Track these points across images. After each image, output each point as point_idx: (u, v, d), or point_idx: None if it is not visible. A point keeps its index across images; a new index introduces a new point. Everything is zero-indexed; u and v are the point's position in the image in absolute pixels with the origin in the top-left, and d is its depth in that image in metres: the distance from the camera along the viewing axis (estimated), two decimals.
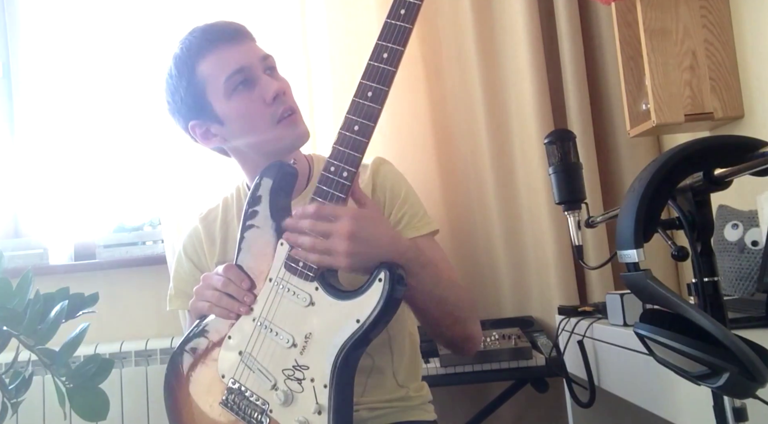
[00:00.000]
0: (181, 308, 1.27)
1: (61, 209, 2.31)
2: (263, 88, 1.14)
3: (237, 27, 1.18)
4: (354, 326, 0.93)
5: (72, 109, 2.36)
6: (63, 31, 2.37)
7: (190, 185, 2.03)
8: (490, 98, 1.99)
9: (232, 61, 1.14)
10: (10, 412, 0.98)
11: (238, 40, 1.16)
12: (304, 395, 0.96)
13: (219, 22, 1.18)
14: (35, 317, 0.95)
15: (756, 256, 1.22)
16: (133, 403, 2.00)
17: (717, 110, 1.50)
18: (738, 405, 0.64)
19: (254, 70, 1.15)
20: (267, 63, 1.18)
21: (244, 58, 1.14)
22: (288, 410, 0.97)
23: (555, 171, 1.20)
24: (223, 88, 1.14)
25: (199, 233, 1.28)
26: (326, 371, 0.95)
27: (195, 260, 1.27)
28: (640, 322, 0.63)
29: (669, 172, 0.63)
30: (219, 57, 1.14)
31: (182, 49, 1.17)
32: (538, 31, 1.93)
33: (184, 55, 1.16)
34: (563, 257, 1.88)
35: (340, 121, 0.99)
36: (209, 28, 1.17)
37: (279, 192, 1.06)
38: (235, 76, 1.13)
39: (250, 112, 1.15)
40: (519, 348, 1.70)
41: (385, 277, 0.92)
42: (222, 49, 1.14)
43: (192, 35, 1.17)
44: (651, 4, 1.51)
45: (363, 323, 0.93)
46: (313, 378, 0.96)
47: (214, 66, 1.14)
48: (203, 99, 1.16)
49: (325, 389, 0.95)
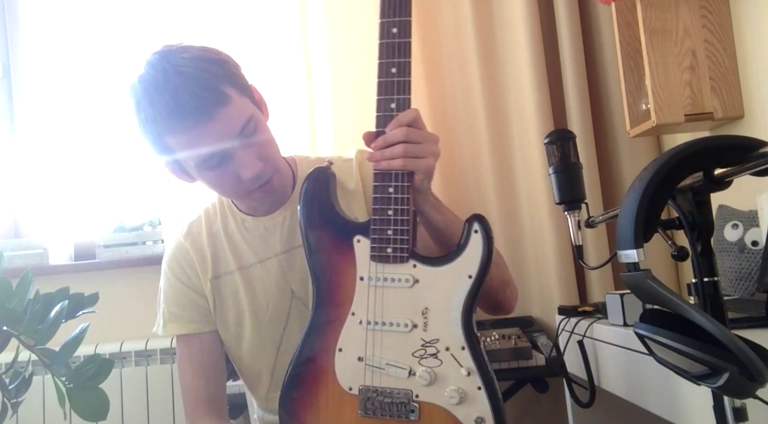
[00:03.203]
0: (179, 332, 1.21)
1: (61, 209, 2.31)
2: (239, 166, 1.05)
3: (199, 99, 0.99)
4: (468, 282, 0.97)
5: (72, 109, 2.36)
6: (63, 32, 2.37)
7: (190, 185, 2.03)
8: (490, 98, 1.99)
9: (202, 146, 1.02)
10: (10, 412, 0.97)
11: (208, 117, 1.00)
12: (445, 366, 0.97)
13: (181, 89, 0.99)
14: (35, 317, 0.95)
15: (756, 256, 1.22)
16: (133, 403, 2.00)
17: (717, 110, 1.50)
18: (738, 405, 0.64)
19: (225, 150, 1.04)
20: (247, 130, 1.04)
21: (214, 141, 1.02)
22: (435, 387, 0.97)
23: (555, 171, 1.19)
24: (194, 164, 1.06)
25: (186, 250, 1.22)
26: (458, 335, 0.97)
27: (185, 279, 1.21)
28: (640, 322, 0.63)
29: (669, 172, 0.63)
30: (185, 140, 1.02)
31: (143, 112, 1.03)
32: (538, 31, 1.93)
33: (147, 122, 1.03)
34: (563, 257, 1.88)
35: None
36: (170, 102, 0.99)
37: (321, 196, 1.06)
38: (207, 162, 1.04)
39: (223, 183, 1.10)
40: (519, 348, 1.70)
41: (480, 227, 0.98)
42: (186, 132, 1.01)
43: (152, 106, 1.01)
44: (651, 4, 1.51)
45: (476, 276, 0.97)
46: (447, 347, 0.97)
47: (183, 146, 1.04)
48: (176, 159, 1.09)
49: (464, 351, 0.97)
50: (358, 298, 1.01)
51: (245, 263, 1.21)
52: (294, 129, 2.06)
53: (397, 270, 0.99)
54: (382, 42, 0.99)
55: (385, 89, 0.98)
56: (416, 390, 0.98)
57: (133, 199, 2.34)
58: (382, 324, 1.00)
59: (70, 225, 2.30)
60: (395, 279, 0.99)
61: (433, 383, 0.97)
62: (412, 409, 0.98)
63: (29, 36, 2.35)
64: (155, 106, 1.01)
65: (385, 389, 0.99)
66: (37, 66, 2.34)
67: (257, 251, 1.21)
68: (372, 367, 1.00)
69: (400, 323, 0.99)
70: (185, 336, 1.22)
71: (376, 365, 1.00)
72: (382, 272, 0.99)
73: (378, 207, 0.99)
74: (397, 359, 0.99)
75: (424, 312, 0.98)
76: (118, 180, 2.35)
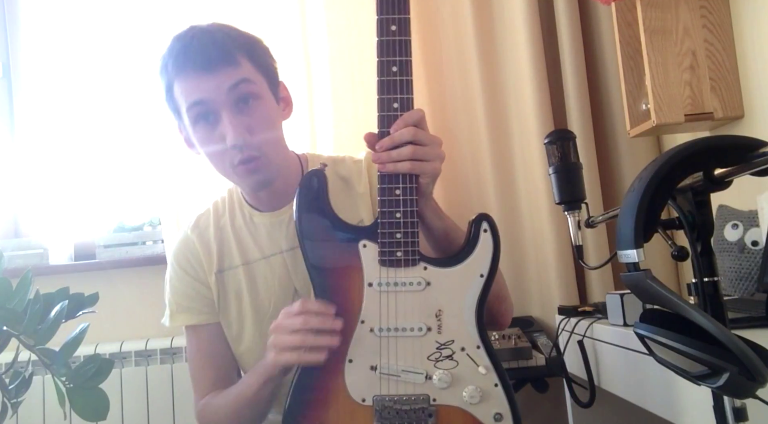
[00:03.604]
0: (187, 322, 1.22)
1: (61, 209, 2.31)
2: (225, 129, 1.07)
3: (208, 52, 1.06)
4: (480, 281, 0.99)
5: (72, 109, 2.36)
6: (63, 32, 2.37)
7: (190, 185, 2.03)
8: (490, 98, 1.99)
9: (192, 93, 1.07)
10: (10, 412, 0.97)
11: (206, 68, 1.06)
12: (462, 367, 0.98)
13: (195, 44, 1.07)
14: (35, 317, 0.95)
15: (756, 256, 1.22)
16: (133, 403, 2.00)
17: (717, 110, 1.50)
18: (738, 405, 0.64)
19: (215, 104, 1.07)
20: (238, 92, 1.08)
21: (204, 91, 1.06)
22: (453, 389, 0.98)
23: (555, 171, 1.20)
24: (187, 115, 1.10)
25: (192, 243, 1.23)
26: (473, 334, 0.98)
27: (191, 272, 1.22)
28: (640, 322, 0.63)
29: (669, 172, 0.63)
30: (183, 86, 1.09)
31: (162, 62, 1.12)
32: (538, 31, 1.93)
33: (162, 69, 1.12)
34: (563, 257, 1.88)
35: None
36: (182, 51, 1.08)
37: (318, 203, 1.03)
38: (193, 108, 1.08)
39: (210, 147, 1.11)
40: (519, 348, 1.70)
41: (489, 226, 1.00)
42: (186, 78, 1.07)
43: (169, 51, 1.10)
44: (651, 4, 1.51)
45: (487, 275, 0.99)
46: (463, 347, 0.98)
47: (180, 93, 1.09)
48: (180, 114, 1.13)
49: (479, 350, 0.98)
50: (368, 305, 0.99)
51: (250, 258, 1.21)
52: (294, 129, 2.06)
53: (408, 274, 0.98)
54: (381, 40, 0.97)
55: (387, 88, 0.97)
56: (433, 394, 0.98)
57: (133, 199, 2.34)
58: (395, 330, 0.98)
59: (70, 225, 2.30)
60: (406, 283, 0.98)
61: (451, 385, 0.97)
62: (429, 414, 0.98)
63: (29, 36, 2.35)
64: (170, 51, 1.10)
65: (402, 396, 0.98)
66: (37, 66, 2.34)
67: (262, 247, 1.21)
68: (386, 375, 0.98)
69: (414, 327, 0.98)
70: (194, 327, 1.22)
71: (390, 373, 0.98)
72: (393, 276, 0.98)
73: (386, 210, 0.97)
74: (412, 365, 0.98)
75: (437, 314, 0.98)
76: (118, 180, 2.35)
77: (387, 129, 0.97)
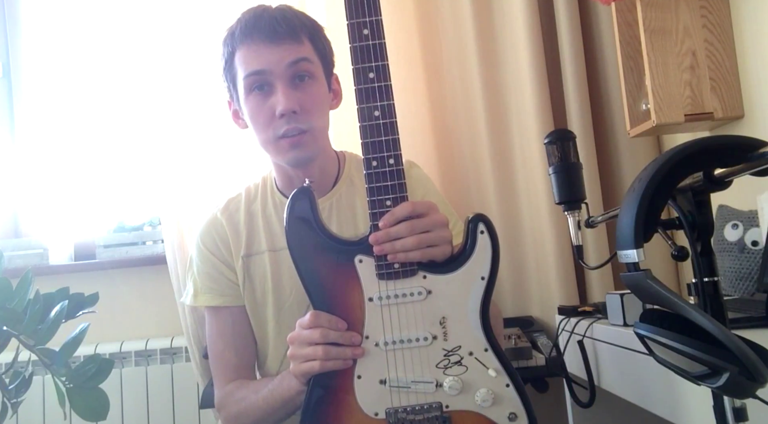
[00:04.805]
0: (209, 303, 1.22)
1: (61, 209, 2.31)
2: (277, 99, 1.11)
3: (276, 26, 1.12)
4: (481, 283, 0.98)
5: (72, 109, 2.36)
6: (63, 32, 2.37)
7: (190, 185, 2.03)
8: (490, 98, 1.99)
9: (253, 61, 1.12)
10: (10, 412, 0.98)
11: (272, 40, 1.11)
12: (472, 371, 0.97)
13: (265, 17, 1.13)
14: (35, 317, 0.95)
15: (756, 256, 1.22)
16: (133, 403, 2.00)
17: (717, 110, 1.50)
18: (738, 405, 0.64)
19: (273, 76, 1.12)
20: (297, 69, 1.13)
21: (265, 61, 1.11)
22: (464, 395, 0.97)
23: (555, 171, 1.19)
24: (243, 84, 1.14)
25: (220, 225, 1.24)
26: (479, 337, 0.97)
27: (217, 253, 1.23)
28: (640, 322, 0.63)
29: (669, 172, 0.63)
30: (245, 53, 1.13)
31: (229, 31, 1.16)
32: (538, 31, 1.93)
33: (228, 37, 1.16)
34: (563, 257, 1.88)
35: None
36: (251, 20, 1.13)
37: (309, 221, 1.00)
38: (250, 78, 1.13)
39: (259, 117, 1.14)
40: (519, 348, 1.70)
41: (485, 227, 0.99)
42: (250, 46, 1.12)
43: (238, 21, 1.16)
44: (651, 4, 1.51)
45: (488, 277, 0.98)
46: (471, 351, 0.97)
47: (241, 61, 1.14)
48: (235, 84, 1.17)
49: (488, 353, 0.98)
50: (370, 320, 0.98)
51: (277, 246, 1.22)
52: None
53: (408, 284, 0.97)
54: (354, 46, 0.95)
55: (366, 96, 0.95)
56: (445, 401, 0.97)
57: (133, 199, 2.34)
58: (400, 342, 0.97)
59: (70, 225, 2.30)
60: (407, 294, 0.97)
61: (462, 391, 0.97)
62: (444, 420, 0.97)
63: (29, 36, 2.35)
64: (240, 21, 1.15)
65: (414, 406, 0.97)
66: (37, 66, 2.34)
67: None
68: (396, 387, 0.97)
69: (419, 337, 0.97)
70: (216, 308, 1.23)
71: (400, 385, 0.97)
72: (393, 288, 0.97)
73: (377, 223, 0.96)
74: (422, 374, 0.97)
75: (442, 322, 0.97)
76: (118, 180, 2.35)
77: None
